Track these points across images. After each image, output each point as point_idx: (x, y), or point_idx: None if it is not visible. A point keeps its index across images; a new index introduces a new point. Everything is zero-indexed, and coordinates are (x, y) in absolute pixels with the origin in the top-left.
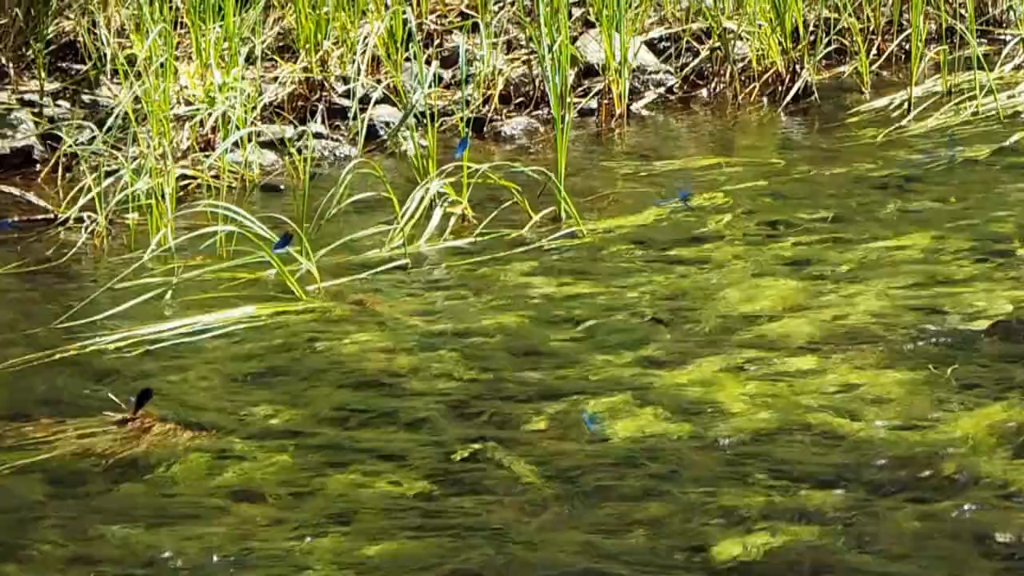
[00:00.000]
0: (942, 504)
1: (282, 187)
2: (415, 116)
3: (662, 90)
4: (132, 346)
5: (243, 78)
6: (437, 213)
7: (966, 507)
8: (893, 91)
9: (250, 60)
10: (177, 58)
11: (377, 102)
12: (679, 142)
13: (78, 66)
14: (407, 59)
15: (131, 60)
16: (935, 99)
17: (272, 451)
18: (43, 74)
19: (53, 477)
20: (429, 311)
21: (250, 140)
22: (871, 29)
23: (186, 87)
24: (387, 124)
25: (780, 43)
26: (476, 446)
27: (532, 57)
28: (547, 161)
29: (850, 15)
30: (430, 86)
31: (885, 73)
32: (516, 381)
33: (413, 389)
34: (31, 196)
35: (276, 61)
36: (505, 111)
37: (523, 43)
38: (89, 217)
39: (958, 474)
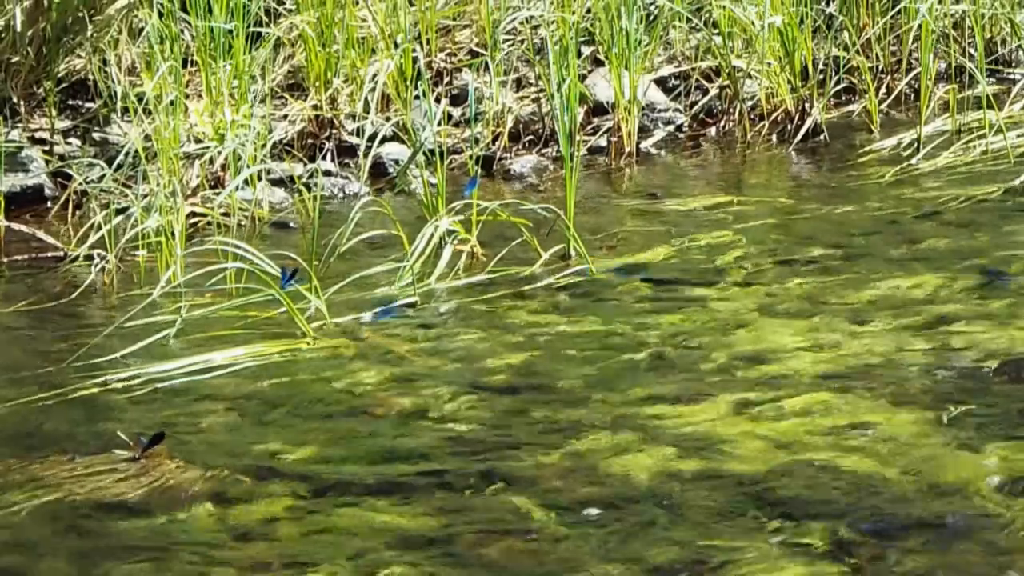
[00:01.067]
0: (951, 545)
1: (292, 224)
2: (424, 154)
3: (671, 128)
4: (141, 384)
5: (253, 116)
6: (447, 251)
7: (976, 548)
8: (902, 130)
9: (260, 98)
10: (187, 96)
11: (386, 140)
12: (688, 180)
13: (89, 104)
14: (416, 97)
15: (141, 98)
16: (945, 138)
17: (280, 489)
18: (54, 112)
19: (61, 515)
20: (438, 349)
21: (260, 178)
22: (880, 68)
23: (196, 125)
24: (396, 162)
25: (789, 81)
26: (485, 483)
27: (541, 95)
28: (556, 199)
29: (859, 54)
30: (439, 124)
31: (894, 112)
32: (525, 418)
33: (422, 427)
34: (42, 234)
35: (286, 99)
36: (514, 149)
37: (532, 81)
38: (99, 255)
39: (968, 514)
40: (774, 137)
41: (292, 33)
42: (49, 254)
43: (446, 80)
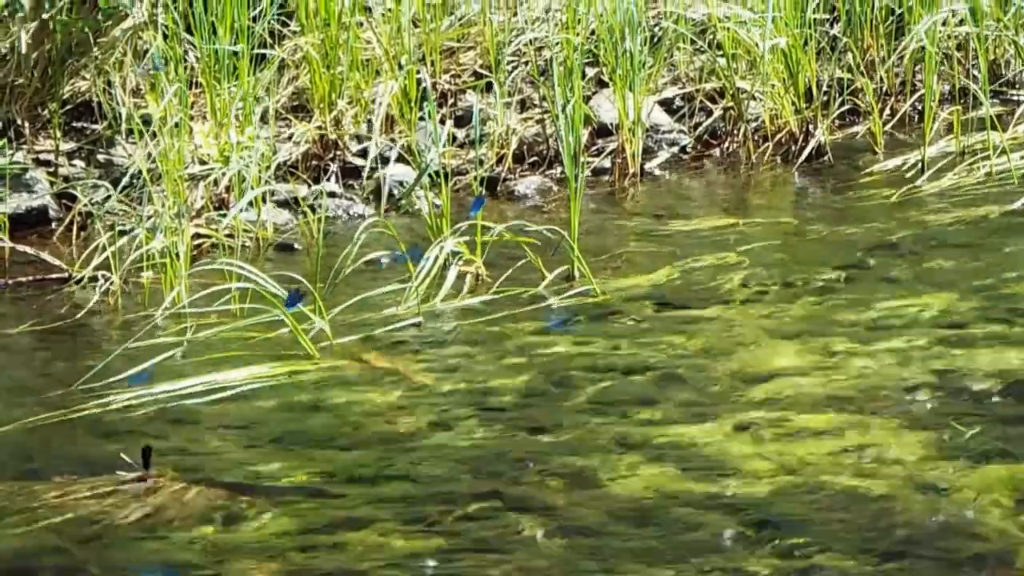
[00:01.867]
0: (960, 569)
1: (296, 246)
2: (429, 175)
3: (675, 150)
4: (145, 405)
5: (257, 137)
6: (451, 272)
7: (986, 571)
8: (907, 151)
9: (264, 119)
10: (192, 118)
11: (391, 161)
12: (692, 202)
13: (93, 126)
14: (421, 118)
15: (146, 120)
16: (949, 159)
17: (285, 510)
18: (58, 134)
19: (65, 537)
20: (443, 370)
21: (264, 199)
22: (884, 90)
23: (200, 146)
24: (401, 183)
25: (793, 103)
26: (489, 504)
27: (546, 117)
28: (560, 220)
29: (863, 75)
30: (444, 145)
31: (899, 133)
32: (530, 439)
33: (426, 448)
34: (46, 255)
35: (290, 120)
36: (519, 170)
37: (537, 103)
38: (104, 276)
39: (974, 537)
40: (778, 158)
41: (296, 55)
42: (53, 275)
43: (450, 101)
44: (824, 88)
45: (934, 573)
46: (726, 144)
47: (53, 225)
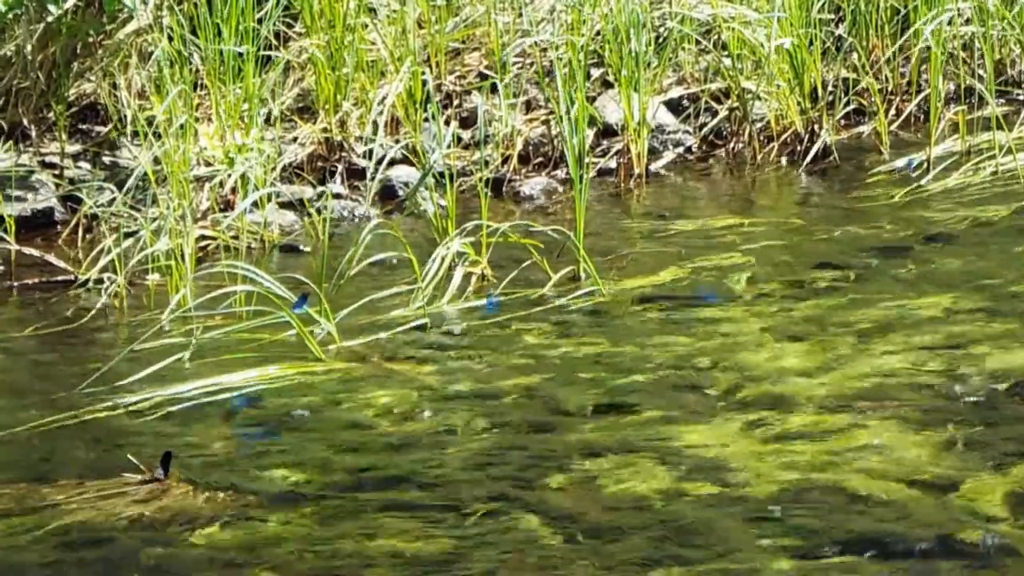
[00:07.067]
0: (965, 568)
1: (301, 247)
2: (434, 176)
3: (680, 150)
4: (151, 408)
5: (262, 139)
6: (457, 273)
7: (990, 571)
8: (912, 151)
9: (269, 121)
10: (197, 119)
11: (396, 162)
12: (698, 202)
13: (99, 128)
14: (426, 119)
15: (151, 121)
16: (954, 159)
17: (290, 512)
18: (64, 136)
19: (72, 540)
20: (449, 371)
21: (269, 201)
22: (890, 89)
23: (206, 148)
24: (406, 184)
25: (799, 103)
26: (495, 505)
27: (551, 117)
28: (566, 221)
29: (868, 75)
30: (449, 146)
31: (904, 133)
32: (535, 440)
33: (432, 449)
34: (51, 257)
35: (295, 122)
36: (524, 171)
37: (542, 103)
38: (109, 278)
39: (980, 537)
40: (783, 159)
41: (302, 56)
42: (59, 278)
43: (455, 103)
44: (829, 88)
45: (940, 571)
46: (731, 144)
47: (59, 227)
